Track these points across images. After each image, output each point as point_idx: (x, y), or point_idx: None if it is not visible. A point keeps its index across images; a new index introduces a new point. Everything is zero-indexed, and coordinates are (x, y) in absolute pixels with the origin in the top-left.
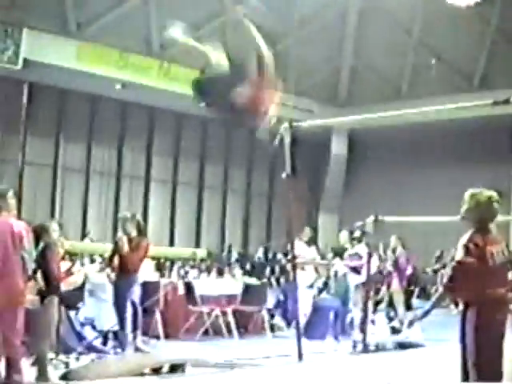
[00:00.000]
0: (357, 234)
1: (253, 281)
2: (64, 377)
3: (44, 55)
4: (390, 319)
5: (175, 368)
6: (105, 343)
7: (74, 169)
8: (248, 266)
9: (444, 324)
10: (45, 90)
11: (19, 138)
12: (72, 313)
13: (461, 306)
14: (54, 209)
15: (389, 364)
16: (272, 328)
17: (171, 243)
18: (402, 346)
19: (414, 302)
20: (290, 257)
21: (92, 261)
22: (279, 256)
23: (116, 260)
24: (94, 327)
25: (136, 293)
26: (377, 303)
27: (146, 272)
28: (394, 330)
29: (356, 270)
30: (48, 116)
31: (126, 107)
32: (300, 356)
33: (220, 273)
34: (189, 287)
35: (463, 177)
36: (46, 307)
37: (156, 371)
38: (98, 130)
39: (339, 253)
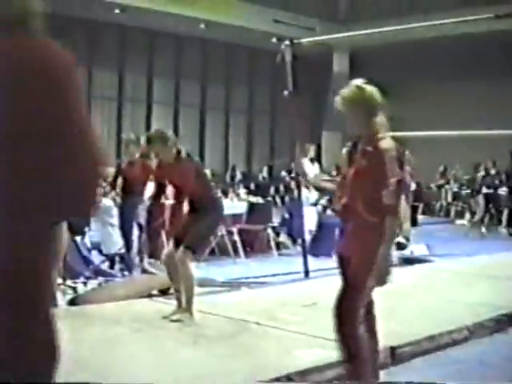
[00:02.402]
0: None
1: (257, 200)
2: (72, 302)
3: None
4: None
5: None
6: (112, 267)
7: None
8: (252, 186)
9: (449, 239)
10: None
11: None
12: (78, 238)
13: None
14: None
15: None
16: (278, 246)
17: None
18: (408, 261)
19: (419, 217)
20: (293, 174)
21: None
22: (283, 174)
23: (120, 183)
24: (100, 251)
25: (141, 215)
26: None
27: (152, 194)
28: (400, 246)
29: None
30: None
31: (125, 31)
32: (306, 273)
33: (224, 193)
34: None
35: (467, 93)
36: (52, 234)
37: (163, 292)
38: (97, 55)
39: None
